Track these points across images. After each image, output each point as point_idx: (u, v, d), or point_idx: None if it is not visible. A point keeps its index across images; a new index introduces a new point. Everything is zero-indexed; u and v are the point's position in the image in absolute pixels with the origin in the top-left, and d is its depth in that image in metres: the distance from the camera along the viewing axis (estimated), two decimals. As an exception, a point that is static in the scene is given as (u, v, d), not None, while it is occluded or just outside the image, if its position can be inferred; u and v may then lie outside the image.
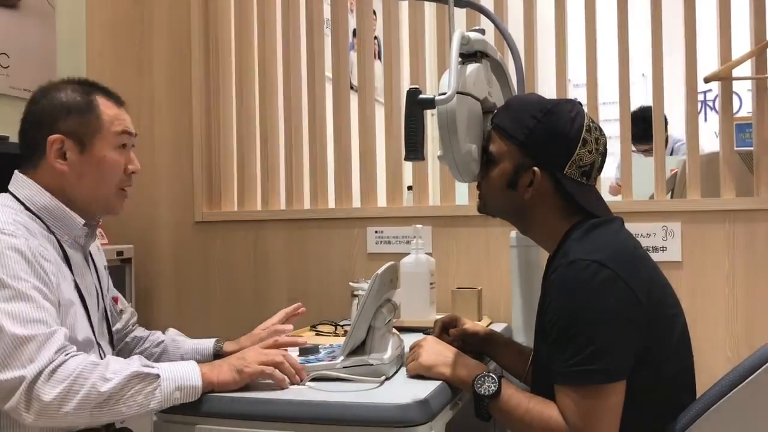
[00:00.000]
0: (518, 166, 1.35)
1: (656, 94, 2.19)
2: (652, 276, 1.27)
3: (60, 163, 1.39)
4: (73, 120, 1.39)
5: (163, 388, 1.20)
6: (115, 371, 1.17)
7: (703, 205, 2.09)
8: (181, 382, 1.22)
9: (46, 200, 1.39)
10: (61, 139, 1.38)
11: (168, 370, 1.22)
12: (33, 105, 1.43)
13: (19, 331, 1.16)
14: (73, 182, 1.40)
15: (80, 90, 1.43)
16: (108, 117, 1.42)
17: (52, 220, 1.39)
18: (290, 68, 2.56)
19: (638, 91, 2.39)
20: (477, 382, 1.27)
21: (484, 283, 2.23)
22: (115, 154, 1.43)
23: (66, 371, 1.15)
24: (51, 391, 1.13)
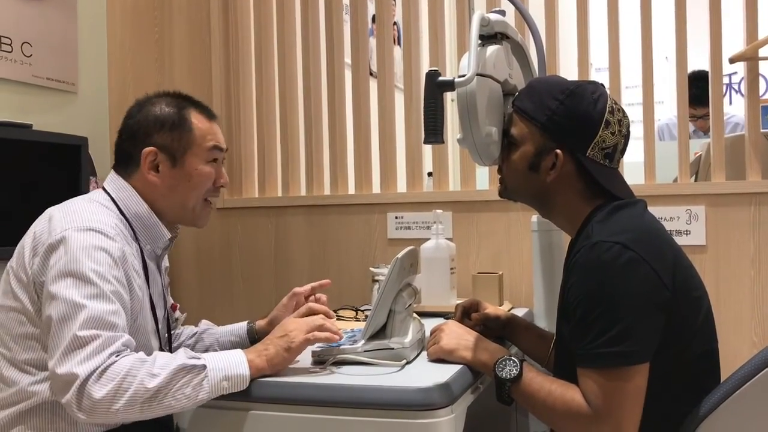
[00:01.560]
0: (540, 148, 1.33)
1: (680, 78, 2.16)
2: (676, 258, 1.26)
3: (153, 175, 1.44)
4: (167, 134, 1.45)
5: (211, 379, 1.20)
6: (161, 366, 1.19)
7: (728, 187, 2.06)
8: (228, 372, 1.22)
9: (141, 209, 1.44)
10: (154, 152, 1.44)
11: (214, 360, 1.23)
12: (128, 119, 1.49)
13: (85, 332, 1.18)
14: (165, 193, 1.45)
15: (174, 104, 1.49)
16: (200, 132, 1.47)
17: (141, 228, 1.44)
18: (310, 54, 2.56)
19: (662, 75, 2.35)
20: (498, 365, 1.26)
21: (505, 268, 2.22)
22: (206, 167, 1.48)
23: (116, 370, 1.16)
24: (101, 389, 1.15)
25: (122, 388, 1.15)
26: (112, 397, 1.14)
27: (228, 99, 2.63)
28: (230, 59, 2.63)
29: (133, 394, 1.15)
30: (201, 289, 2.65)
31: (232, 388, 1.22)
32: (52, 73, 2.39)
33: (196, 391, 1.19)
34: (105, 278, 1.26)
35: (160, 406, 1.17)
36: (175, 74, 2.70)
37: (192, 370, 1.20)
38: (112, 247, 1.30)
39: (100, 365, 1.16)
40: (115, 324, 1.22)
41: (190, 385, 1.19)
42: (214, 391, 1.21)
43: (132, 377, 1.16)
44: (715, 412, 1.18)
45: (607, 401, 1.15)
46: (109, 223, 1.34)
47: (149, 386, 1.16)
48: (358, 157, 2.50)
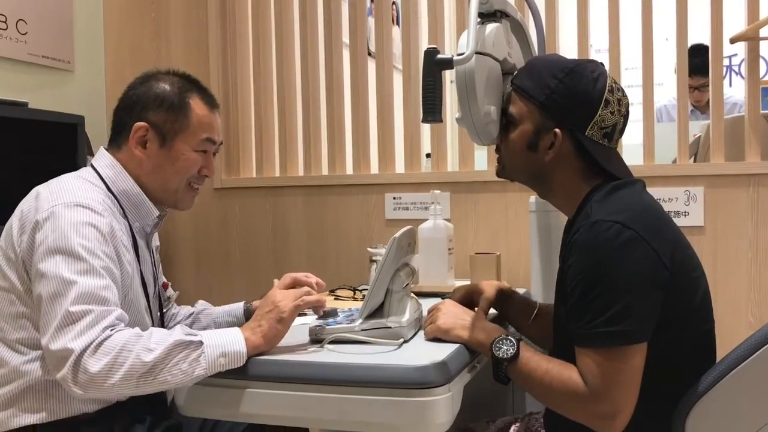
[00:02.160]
0: (539, 127, 1.32)
1: (680, 59, 2.14)
2: (675, 238, 1.25)
3: (139, 150, 1.43)
4: (162, 113, 1.43)
5: (208, 355, 1.20)
6: (158, 341, 1.18)
7: (727, 168, 2.06)
8: (225, 348, 1.21)
9: (128, 185, 1.43)
10: (145, 127, 1.42)
11: (211, 336, 1.23)
12: (130, 89, 1.48)
13: (77, 307, 1.18)
14: (149, 171, 1.44)
15: (179, 85, 1.47)
16: (197, 119, 1.46)
17: (129, 205, 1.43)
18: (308, 35, 2.54)
19: (662, 56, 2.34)
20: (495, 345, 1.26)
21: (503, 249, 2.22)
22: (194, 155, 1.47)
23: (111, 345, 1.16)
24: (97, 363, 1.14)
25: (118, 362, 1.15)
26: (108, 371, 1.14)
27: (225, 78, 2.61)
28: (227, 37, 2.62)
29: (129, 368, 1.15)
30: (198, 270, 2.65)
31: (229, 364, 1.21)
32: (47, 51, 2.37)
33: (193, 367, 1.18)
34: (94, 253, 1.25)
35: (156, 381, 1.17)
36: (172, 52, 2.68)
37: (189, 345, 1.19)
38: (101, 222, 1.29)
39: (94, 339, 1.16)
40: (107, 298, 1.22)
41: (187, 360, 1.18)
42: (211, 368, 1.20)
43: (128, 351, 1.15)
44: (711, 391, 1.18)
45: (605, 380, 1.15)
46: (96, 199, 1.33)
47: (146, 360, 1.15)
48: (356, 138, 2.49)
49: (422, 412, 1.14)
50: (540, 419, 1.46)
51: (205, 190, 2.63)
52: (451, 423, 1.17)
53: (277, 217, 2.54)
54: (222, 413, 1.26)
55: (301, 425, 1.47)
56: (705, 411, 1.19)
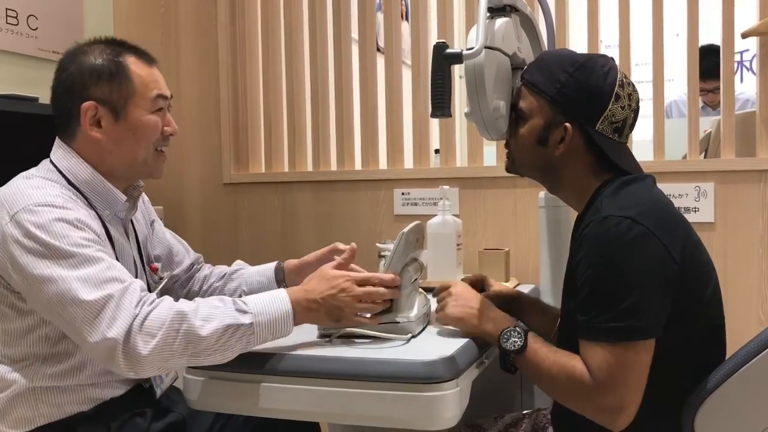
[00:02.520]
0: (549, 122, 1.32)
1: (691, 55, 2.13)
2: (685, 233, 1.25)
3: (95, 131, 1.34)
4: (104, 86, 1.33)
5: (257, 334, 1.20)
6: (204, 317, 1.17)
7: (738, 164, 2.05)
8: (273, 327, 1.21)
9: (87, 175, 1.35)
10: (94, 106, 1.33)
11: (261, 313, 1.21)
12: (61, 72, 1.37)
13: (92, 296, 1.15)
14: (111, 149, 1.36)
15: (109, 51, 1.36)
16: (140, 80, 1.36)
17: (93, 195, 1.36)
18: (316, 30, 2.54)
19: (672, 52, 2.32)
20: (503, 336, 1.26)
21: (512, 245, 2.22)
22: (152, 117, 1.38)
23: (156, 323, 1.14)
24: (146, 345, 1.13)
25: (168, 340, 1.14)
26: (162, 350, 1.14)
27: (234, 73, 2.62)
28: (236, 33, 2.62)
29: (180, 346, 1.15)
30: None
31: (274, 339, 1.23)
32: (57, 46, 2.38)
33: (243, 347, 1.20)
34: (78, 244, 1.20)
35: (207, 359, 1.18)
36: (181, 48, 2.68)
37: (238, 329, 1.18)
38: (67, 215, 1.23)
39: (132, 320, 1.14)
40: (114, 277, 1.18)
41: (238, 343, 1.19)
42: (258, 344, 1.22)
43: (174, 331, 1.15)
44: (721, 387, 1.18)
45: (612, 374, 1.15)
46: (55, 194, 1.27)
47: (203, 335, 1.15)
48: (365, 133, 2.49)
49: (430, 407, 1.14)
50: (548, 415, 1.46)
51: (214, 185, 2.64)
52: (459, 418, 1.17)
53: (285, 213, 2.54)
54: (233, 407, 1.26)
55: (311, 419, 1.47)
56: (715, 407, 1.18)
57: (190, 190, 2.67)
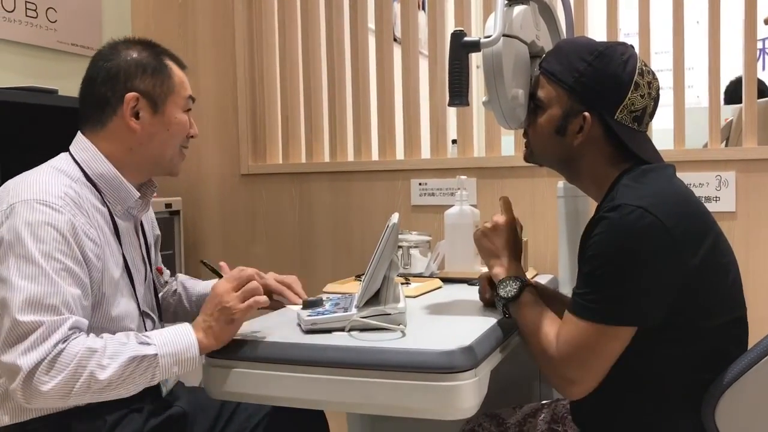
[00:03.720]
0: (567, 111, 1.31)
1: (712, 43, 2.10)
2: (703, 225, 1.23)
3: (133, 121, 1.38)
4: (148, 79, 1.39)
5: (162, 366, 1.21)
6: (112, 354, 1.18)
7: (760, 153, 2.02)
8: (178, 357, 1.23)
9: (103, 168, 1.38)
10: (136, 96, 1.37)
11: (164, 344, 1.22)
12: (104, 62, 1.40)
13: (26, 318, 1.16)
14: (143, 141, 1.40)
15: (149, 50, 1.43)
16: (178, 80, 1.44)
17: (107, 188, 1.38)
18: (333, 20, 2.53)
19: (693, 40, 2.29)
20: (502, 282, 1.35)
21: (530, 235, 2.21)
22: (183, 116, 1.44)
23: (64, 361, 1.15)
24: (49, 381, 1.14)
25: (72, 380, 1.15)
26: (60, 389, 1.15)
27: (252, 65, 2.62)
28: (253, 24, 2.62)
29: (83, 385, 1.16)
30: (225, 255, 2.66)
31: (181, 371, 1.24)
32: (76, 39, 2.40)
33: (147, 379, 1.21)
34: (50, 256, 1.21)
35: (110, 395, 1.19)
36: (198, 39, 2.69)
37: (142, 360, 1.20)
38: (59, 221, 1.24)
39: (45, 356, 1.14)
40: (56, 307, 1.18)
41: (142, 375, 1.20)
42: (165, 376, 1.23)
43: (82, 368, 1.15)
44: (742, 378, 1.17)
45: (573, 351, 1.19)
46: (56, 194, 1.27)
47: (100, 378, 1.16)
48: (382, 124, 2.48)
49: (448, 397, 1.14)
50: (567, 405, 1.46)
51: (231, 177, 2.65)
52: (477, 408, 1.17)
53: (303, 203, 2.55)
54: (248, 396, 1.26)
55: (327, 409, 1.48)
56: (736, 398, 1.17)
57: (207, 182, 2.69)
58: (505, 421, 1.48)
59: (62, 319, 1.18)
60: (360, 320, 1.29)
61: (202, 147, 2.67)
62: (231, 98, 2.63)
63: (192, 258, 2.65)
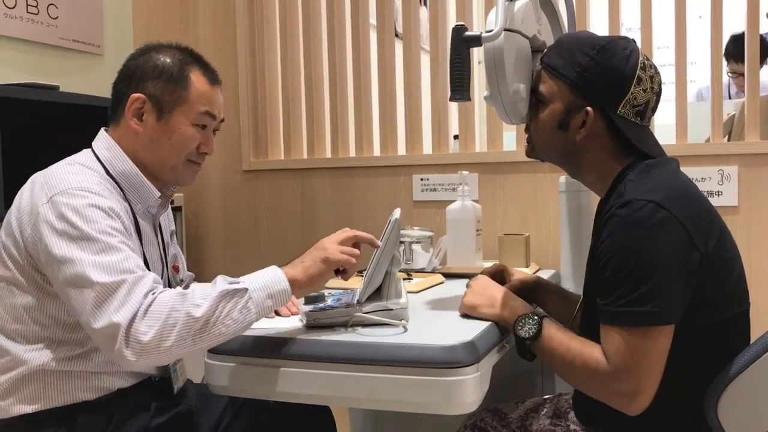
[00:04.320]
0: (570, 106, 1.31)
1: (715, 37, 2.09)
2: (709, 218, 1.23)
3: (135, 122, 1.39)
4: (161, 85, 1.38)
5: (255, 299, 1.19)
6: (202, 296, 1.16)
7: (763, 147, 2.01)
8: (270, 290, 1.21)
9: (126, 167, 1.39)
10: (142, 99, 1.38)
11: (253, 280, 1.22)
12: (130, 60, 1.43)
13: (107, 279, 1.16)
14: (145, 144, 1.40)
15: (179, 58, 1.42)
16: (197, 93, 1.41)
17: (129, 187, 1.39)
18: (334, 15, 2.53)
19: (695, 34, 2.28)
20: (518, 323, 1.27)
21: (532, 230, 2.21)
22: (192, 129, 1.41)
23: (158, 309, 1.14)
24: (148, 330, 1.12)
25: (169, 324, 1.13)
26: (161, 335, 1.13)
27: (253, 60, 2.62)
28: (255, 20, 2.62)
29: (181, 328, 1.13)
30: (227, 252, 2.68)
31: (277, 304, 1.23)
32: (77, 35, 2.40)
33: (243, 314, 1.18)
34: (105, 232, 1.22)
35: (211, 335, 1.16)
36: (200, 35, 2.69)
37: (235, 294, 1.18)
38: (102, 202, 1.26)
39: (138, 307, 1.14)
40: (131, 269, 1.19)
41: (237, 308, 1.17)
42: (261, 312, 1.20)
43: (177, 312, 1.14)
44: (744, 372, 1.17)
45: (628, 360, 1.14)
46: (92, 182, 1.30)
47: (197, 316, 1.14)
48: (384, 119, 2.48)
49: (450, 392, 1.14)
50: (569, 400, 1.46)
51: (233, 173, 2.65)
52: (479, 403, 1.17)
53: (305, 199, 2.55)
54: (253, 391, 1.27)
55: (331, 404, 1.48)
56: (738, 392, 1.17)
57: (209, 178, 2.69)
58: (508, 416, 1.48)
59: (142, 274, 1.19)
60: (362, 315, 1.29)
61: (204, 143, 2.67)
62: (232, 94, 2.63)
63: (194, 254, 2.66)
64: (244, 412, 1.48)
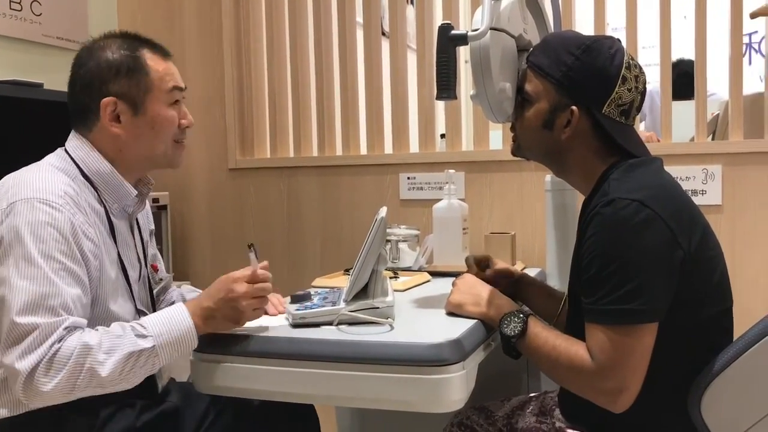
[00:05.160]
0: (555, 105, 1.31)
1: (699, 37, 2.11)
2: (692, 217, 1.24)
3: (115, 126, 1.37)
4: (123, 81, 1.36)
5: (161, 356, 1.21)
6: (108, 350, 1.17)
7: (746, 146, 2.03)
8: (177, 345, 1.22)
9: (101, 166, 1.37)
10: (113, 101, 1.36)
11: (161, 334, 1.21)
12: (80, 68, 1.39)
13: (22, 320, 1.16)
14: (130, 143, 1.38)
15: (126, 46, 1.39)
16: (157, 73, 1.39)
17: (104, 186, 1.38)
18: (321, 14, 2.52)
19: (680, 34, 2.30)
20: (504, 321, 1.28)
21: (518, 228, 2.22)
22: (169, 110, 1.41)
23: (61, 360, 1.15)
24: (49, 381, 1.14)
25: (72, 377, 1.15)
26: (62, 388, 1.15)
27: (239, 58, 2.61)
28: (241, 18, 2.61)
29: (82, 382, 1.15)
30: (213, 250, 2.67)
31: (181, 357, 1.24)
32: (62, 32, 2.38)
33: (148, 369, 1.21)
34: (50, 257, 1.21)
35: (115, 388, 1.19)
36: (185, 32, 2.67)
37: (141, 355, 1.19)
38: (59, 220, 1.24)
39: (41, 359, 1.14)
40: (54, 308, 1.18)
41: (143, 368, 1.20)
42: (164, 363, 1.23)
43: (80, 366, 1.15)
44: (727, 370, 1.18)
45: (613, 357, 1.15)
46: (57, 192, 1.27)
47: (101, 375, 1.16)
48: (370, 118, 2.48)
49: (436, 390, 1.14)
50: (555, 397, 1.46)
51: (219, 171, 2.64)
52: (465, 400, 1.17)
53: (291, 198, 2.55)
54: (236, 390, 1.26)
55: (316, 402, 1.48)
56: (721, 389, 1.18)
57: (195, 176, 2.68)
58: (494, 414, 1.49)
59: (59, 321, 1.18)
60: (348, 314, 1.29)
61: (190, 141, 2.61)
62: (218, 92, 2.62)
63: (179, 253, 2.64)
64: (228, 410, 1.47)
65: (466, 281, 1.42)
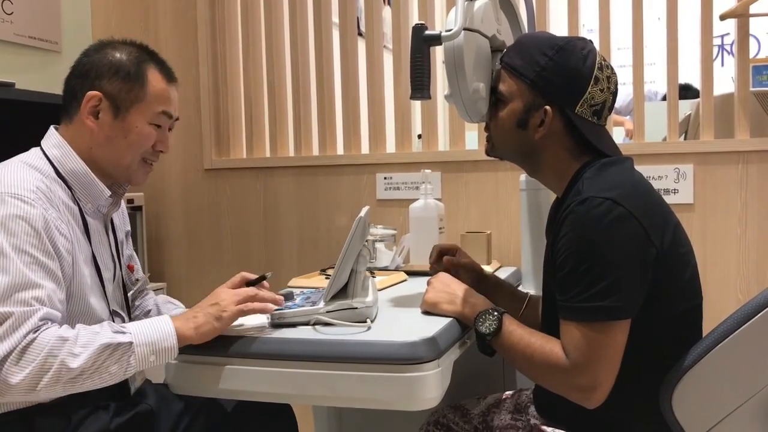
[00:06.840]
0: (529, 105, 1.32)
1: (671, 38, 2.14)
2: (664, 215, 1.26)
3: (91, 120, 1.36)
4: (117, 83, 1.36)
5: (138, 354, 1.18)
6: (84, 344, 1.15)
7: (716, 146, 2.06)
8: (155, 346, 1.20)
9: (76, 166, 1.36)
10: (98, 96, 1.36)
11: (140, 332, 1.20)
12: (84, 56, 1.41)
13: None
14: (101, 142, 1.38)
15: (135, 55, 1.40)
16: (153, 91, 1.39)
17: (78, 186, 1.37)
18: (297, 14, 2.52)
19: (653, 36, 2.33)
20: (478, 319, 1.29)
21: (494, 228, 2.23)
22: (148, 128, 1.40)
23: (34, 351, 1.12)
24: (19, 372, 1.11)
25: (42, 370, 1.12)
26: (31, 380, 1.12)
27: (214, 58, 2.60)
28: (216, 17, 2.60)
29: (53, 375, 1.12)
30: (190, 252, 2.65)
31: (159, 361, 1.21)
32: (34, 32, 2.35)
33: (123, 368, 1.18)
34: (22, 250, 1.20)
35: (84, 385, 1.16)
36: (160, 32, 2.66)
37: (117, 348, 1.17)
38: (31, 214, 1.23)
39: (14, 347, 1.12)
40: (26, 299, 1.16)
41: (116, 363, 1.17)
42: (141, 366, 1.19)
43: (53, 357, 1.12)
44: (697, 365, 1.19)
45: (586, 354, 1.17)
46: (28, 188, 1.26)
47: (72, 367, 1.13)
48: (347, 118, 2.48)
49: (411, 388, 1.15)
50: (530, 395, 1.48)
51: (195, 172, 2.63)
52: (440, 398, 1.18)
53: (267, 198, 2.54)
54: (212, 390, 1.26)
55: (292, 402, 1.48)
56: (691, 384, 1.20)
57: (170, 177, 2.66)
58: (469, 412, 1.50)
59: (33, 310, 1.16)
60: (323, 317, 1.29)
61: (165, 142, 2.64)
62: (193, 91, 2.61)
63: (155, 255, 2.62)
64: (204, 411, 1.47)
65: (441, 280, 1.42)
